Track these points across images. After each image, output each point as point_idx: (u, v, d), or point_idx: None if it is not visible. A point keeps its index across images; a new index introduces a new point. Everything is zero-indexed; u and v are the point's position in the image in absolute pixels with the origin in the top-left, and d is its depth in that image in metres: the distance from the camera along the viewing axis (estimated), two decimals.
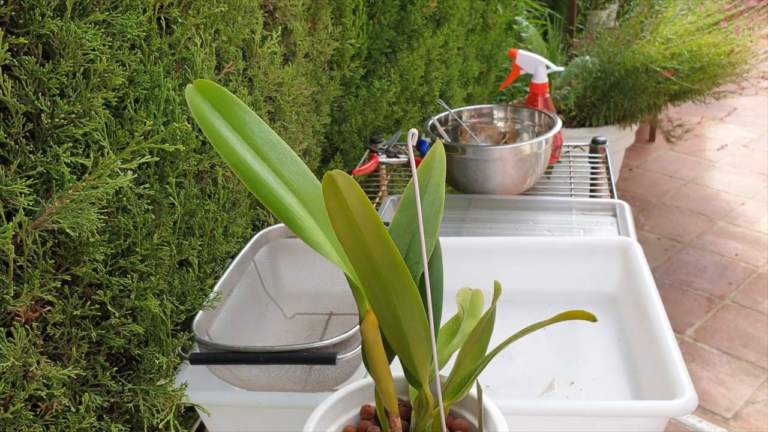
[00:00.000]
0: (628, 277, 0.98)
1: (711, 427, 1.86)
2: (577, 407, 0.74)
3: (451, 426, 0.62)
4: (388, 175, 1.49)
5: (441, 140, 1.25)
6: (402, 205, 0.62)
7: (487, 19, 2.33)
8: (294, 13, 1.10)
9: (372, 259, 0.49)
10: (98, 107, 0.64)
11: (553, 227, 1.22)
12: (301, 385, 0.77)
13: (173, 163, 0.79)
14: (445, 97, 1.99)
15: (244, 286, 0.92)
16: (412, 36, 1.65)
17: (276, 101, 1.08)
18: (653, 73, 2.76)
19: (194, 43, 0.82)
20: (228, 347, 0.74)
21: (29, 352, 0.59)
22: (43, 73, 0.58)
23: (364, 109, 1.47)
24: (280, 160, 0.56)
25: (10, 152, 0.58)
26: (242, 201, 0.97)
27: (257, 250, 0.97)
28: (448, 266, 0.67)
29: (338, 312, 0.98)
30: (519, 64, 1.58)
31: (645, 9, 3.01)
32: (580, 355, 0.91)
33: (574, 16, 3.63)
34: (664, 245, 2.84)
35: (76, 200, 0.59)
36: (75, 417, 0.63)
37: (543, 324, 0.58)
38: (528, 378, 0.87)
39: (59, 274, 0.63)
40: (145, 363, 0.72)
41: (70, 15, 0.60)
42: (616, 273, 1.00)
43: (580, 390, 0.84)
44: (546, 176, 1.41)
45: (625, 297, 0.99)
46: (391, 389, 0.58)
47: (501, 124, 1.46)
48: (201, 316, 0.80)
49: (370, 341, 0.56)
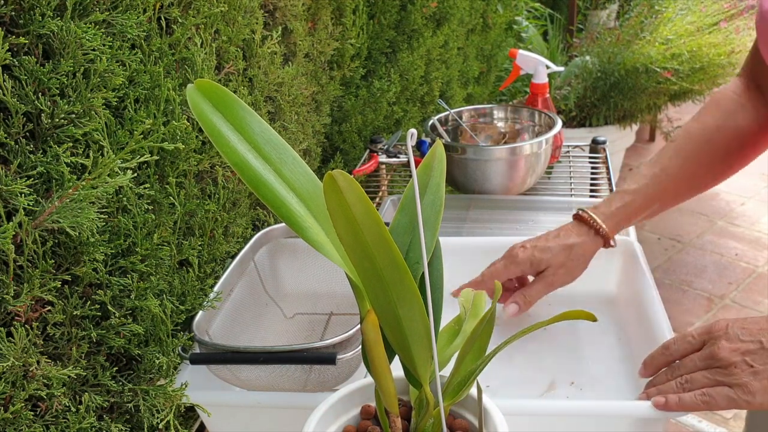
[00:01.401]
0: (628, 277, 0.98)
1: (711, 426, 1.86)
2: (577, 407, 0.74)
3: (451, 426, 0.62)
4: (388, 175, 1.49)
5: (441, 140, 1.25)
6: (402, 205, 0.62)
7: (487, 19, 2.33)
8: (294, 13, 1.10)
9: (372, 259, 0.49)
10: (98, 107, 0.64)
11: (553, 227, 1.22)
12: (301, 385, 0.77)
13: (173, 163, 0.79)
14: (445, 97, 1.99)
15: (244, 286, 0.92)
16: (412, 36, 1.65)
17: (276, 101, 1.08)
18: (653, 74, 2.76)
19: (194, 43, 0.82)
20: (228, 347, 0.74)
21: (29, 352, 0.59)
22: (43, 73, 0.58)
23: (364, 109, 1.47)
24: (282, 159, 0.56)
25: (10, 152, 0.58)
26: (242, 201, 0.97)
27: (257, 249, 0.97)
28: (448, 266, 0.67)
29: (338, 312, 0.98)
30: (519, 64, 1.58)
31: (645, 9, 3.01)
32: (580, 355, 0.90)
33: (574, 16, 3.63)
34: (664, 245, 2.84)
35: (76, 200, 0.59)
36: (75, 417, 0.63)
37: (543, 324, 0.58)
38: (528, 378, 0.87)
39: (59, 274, 0.63)
40: (145, 363, 0.72)
41: (70, 15, 0.60)
42: (616, 273, 1.00)
43: (581, 390, 0.84)
44: (546, 176, 1.41)
45: (625, 297, 0.99)
46: (391, 389, 0.58)
47: (501, 124, 1.46)
48: (201, 316, 0.80)
49: (370, 341, 0.56)
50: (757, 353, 0.67)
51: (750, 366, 0.67)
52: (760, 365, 0.66)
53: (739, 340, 0.68)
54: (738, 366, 0.67)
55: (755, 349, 0.67)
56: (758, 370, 0.66)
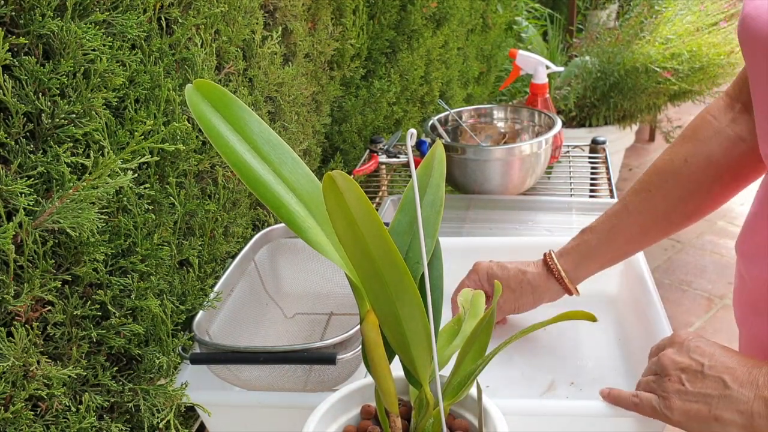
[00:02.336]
0: (628, 277, 0.98)
1: None
2: (577, 407, 0.74)
3: (451, 426, 0.62)
4: (388, 175, 1.49)
5: (441, 140, 1.25)
6: (402, 205, 0.62)
7: (487, 19, 2.33)
8: (294, 13, 1.11)
9: (372, 259, 0.49)
10: (98, 107, 0.64)
11: (553, 227, 1.22)
12: (301, 385, 0.77)
13: (173, 163, 0.79)
14: (445, 97, 1.99)
15: (244, 286, 0.92)
16: (412, 36, 1.65)
17: (276, 101, 1.08)
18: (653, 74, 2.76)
19: (194, 44, 0.82)
20: (228, 347, 0.74)
21: (29, 352, 0.59)
22: (43, 73, 0.58)
23: (364, 109, 1.47)
24: (281, 160, 0.56)
25: (11, 152, 0.58)
26: (242, 201, 0.97)
27: (258, 249, 0.97)
28: (448, 266, 0.67)
29: (338, 312, 0.98)
30: (519, 65, 1.58)
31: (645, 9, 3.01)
32: (580, 355, 0.91)
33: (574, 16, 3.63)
34: (663, 245, 2.84)
35: (76, 200, 0.59)
36: (75, 417, 0.63)
37: (543, 324, 0.58)
38: (528, 378, 0.87)
39: (59, 273, 0.63)
40: (146, 363, 0.72)
41: (70, 15, 0.61)
42: (615, 273, 1.00)
43: (580, 390, 0.84)
44: (546, 176, 1.41)
45: (625, 297, 0.99)
46: (391, 389, 0.58)
47: (501, 124, 1.46)
48: (201, 316, 0.80)
49: (370, 341, 0.56)
50: (694, 375, 0.65)
51: (681, 383, 0.65)
52: (690, 387, 0.65)
53: (686, 355, 0.67)
54: (672, 379, 0.66)
55: (694, 369, 0.65)
56: (686, 391, 0.65)
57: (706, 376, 0.64)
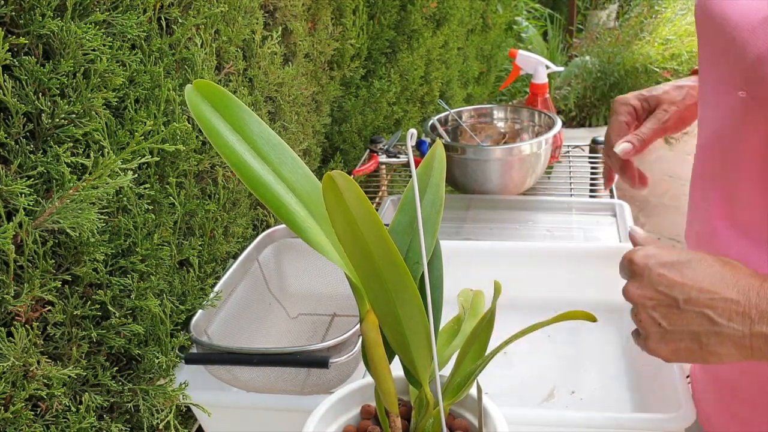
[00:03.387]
0: None
1: None
2: (574, 418, 0.72)
3: (451, 426, 0.62)
4: (388, 175, 1.49)
5: (441, 140, 1.25)
6: (402, 205, 0.62)
7: (487, 19, 2.33)
8: (294, 13, 1.11)
9: (372, 259, 0.49)
10: (98, 107, 0.64)
11: (553, 227, 1.22)
12: (299, 387, 0.77)
13: (173, 163, 0.79)
14: (445, 97, 1.99)
15: (247, 286, 0.92)
16: (412, 36, 1.65)
17: (276, 101, 1.08)
18: (652, 74, 2.76)
19: (194, 44, 0.82)
20: (222, 348, 0.74)
21: (29, 352, 0.59)
22: (43, 73, 0.58)
23: (364, 109, 1.47)
24: (281, 160, 0.56)
25: (11, 152, 0.58)
26: (242, 201, 0.97)
27: (262, 249, 0.97)
28: (450, 270, 0.66)
29: (341, 314, 0.98)
30: (519, 65, 1.58)
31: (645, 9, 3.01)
32: (582, 364, 0.89)
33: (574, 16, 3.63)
34: None
35: (76, 200, 0.59)
36: (75, 417, 0.63)
37: (543, 324, 0.58)
38: (528, 386, 0.86)
39: (59, 274, 0.63)
40: (145, 363, 0.72)
41: (70, 15, 0.61)
42: (621, 282, 0.99)
43: (581, 400, 0.83)
44: (546, 176, 1.41)
45: (630, 306, 0.98)
46: (391, 389, 0.58)
47: (501, 124, 1.46)
48: (200, 316, 0.80)
49: (370, 341, 0.56)
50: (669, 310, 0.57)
51: (657, 324, 0.58)
52: (669, 325, 0.57)
53: (651, 288, 0.58)
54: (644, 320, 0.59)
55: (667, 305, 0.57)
56: (666, 330, 0.57)
57: (684, 311, 0.56)
